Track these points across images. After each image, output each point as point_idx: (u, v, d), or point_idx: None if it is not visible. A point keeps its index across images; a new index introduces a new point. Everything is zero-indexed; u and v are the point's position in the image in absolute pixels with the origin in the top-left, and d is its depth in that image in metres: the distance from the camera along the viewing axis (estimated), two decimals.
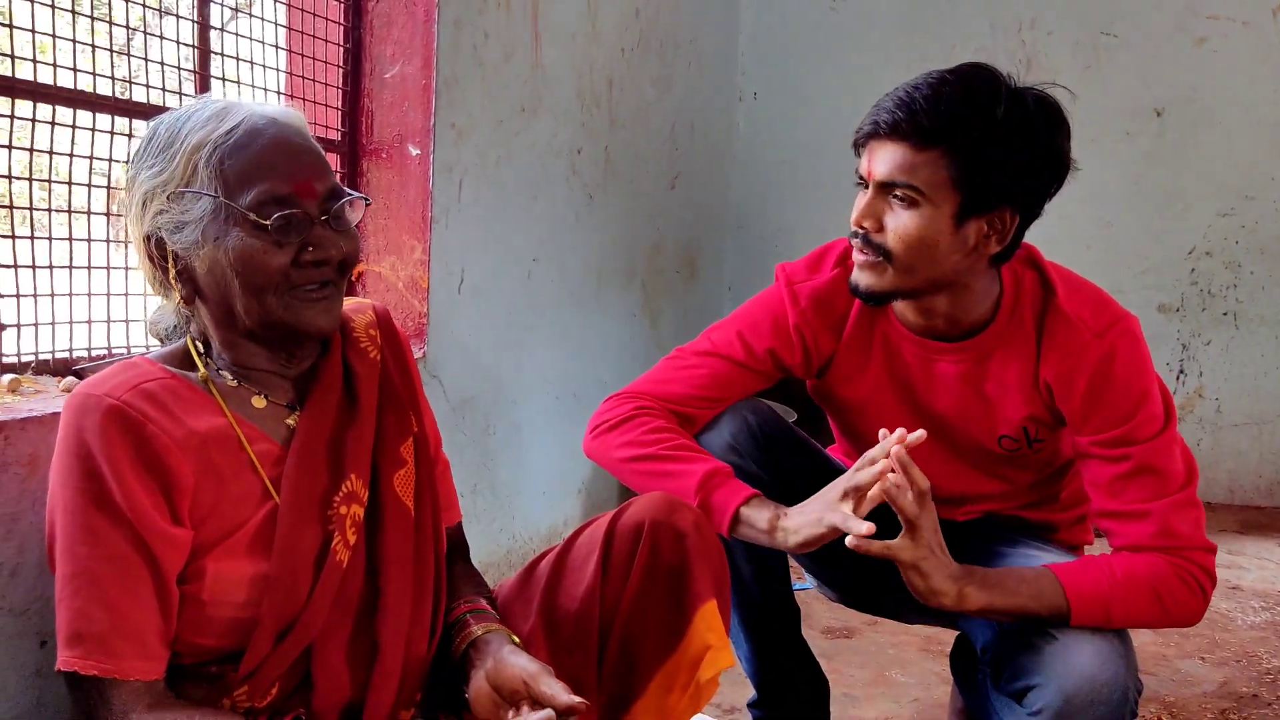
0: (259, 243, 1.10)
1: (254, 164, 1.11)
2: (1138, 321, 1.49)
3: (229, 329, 1.17)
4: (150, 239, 1.14)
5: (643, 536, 1.25)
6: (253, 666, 1.10)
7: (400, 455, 1.25)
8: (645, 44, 3.38)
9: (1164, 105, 3.91)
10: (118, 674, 1.03)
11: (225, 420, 1.14)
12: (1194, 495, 1.44)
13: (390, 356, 1.30)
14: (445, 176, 2.35)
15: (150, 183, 1.12)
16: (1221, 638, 2.63)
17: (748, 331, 1.62)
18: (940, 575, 1.38)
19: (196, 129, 1.12)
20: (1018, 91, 1.39)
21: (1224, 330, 3.93)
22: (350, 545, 1.16)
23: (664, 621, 1.24)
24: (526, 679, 1.13)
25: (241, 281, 1.11)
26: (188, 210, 1.11)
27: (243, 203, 1.09)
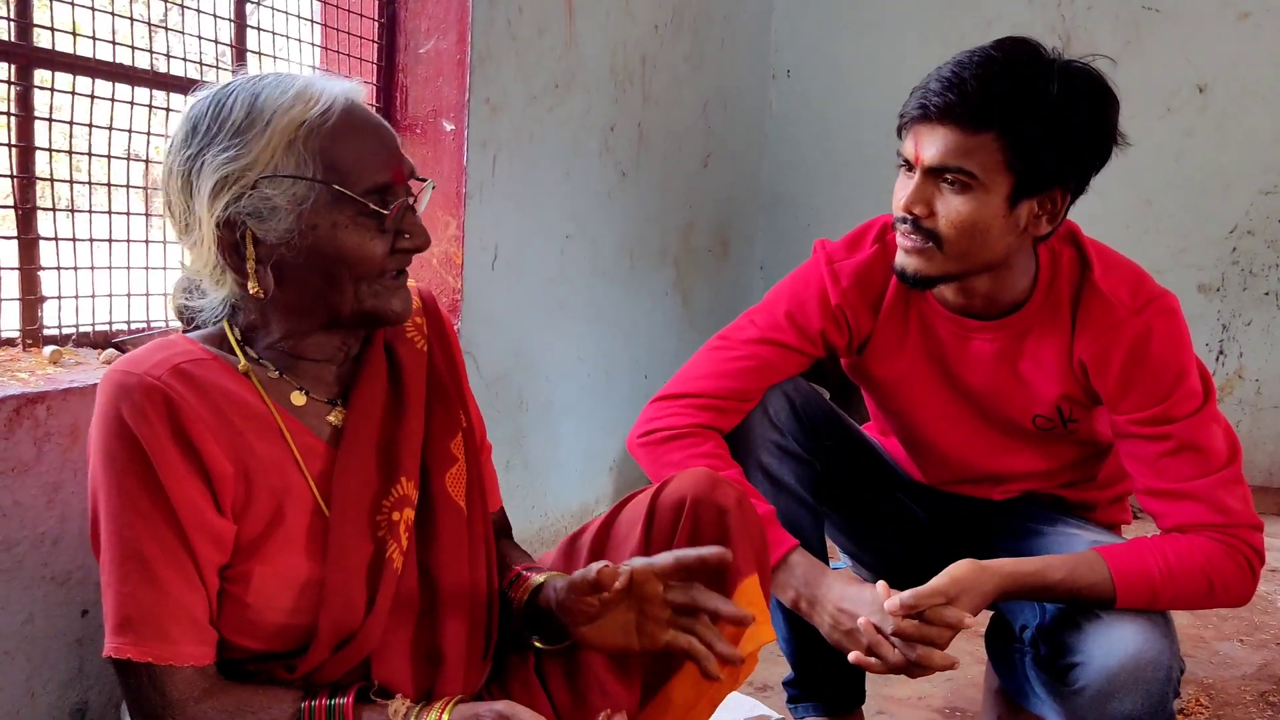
0: (367, 230, 1.06)
1: (359, 149, 1.06)
2: (1176, 299, 1.46)
3: (305, 318, 1.11)
4: (229, 224, 1.05)
5: (684, 512, 1.22)
6: (307, 671, 1.07)
7: (451, 452, 1.20)
8: (678, 20, 3.36)
9: (1206, 81, 3.83)
10: (173, 660, 1.00)
11: (266, 409, 1.09)
12: (1239, 472, 1.42)
13: (437, 345, 1.25)
14: (479, 152, 2.34)
15: (228, 166, 1.03)
16: (1261, 620, 2.59)
17: (797, 313, 1.59)
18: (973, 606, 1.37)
19: (284, 109, 1.04)
20: (1066, 67, 1.36)
21: (1265, 311, 3.86)
22: (405, 551, 1.12)
23: None
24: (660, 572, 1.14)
25: (349, 272, 1.06)
26: (280, 195, 1.04)
27: (355, 191, 1.05)
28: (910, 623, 1.32)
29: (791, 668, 1.74)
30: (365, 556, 1.10)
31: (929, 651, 1.33)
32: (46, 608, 1.36)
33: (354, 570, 1.08)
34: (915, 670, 1.34)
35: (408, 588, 1.13)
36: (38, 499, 1.32)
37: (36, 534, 1.33)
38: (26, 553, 1.32)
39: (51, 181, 1.59)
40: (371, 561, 1.10)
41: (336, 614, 1.06)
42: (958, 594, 1.34)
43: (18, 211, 1.54)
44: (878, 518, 1.78)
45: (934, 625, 1.33)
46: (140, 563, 1.00)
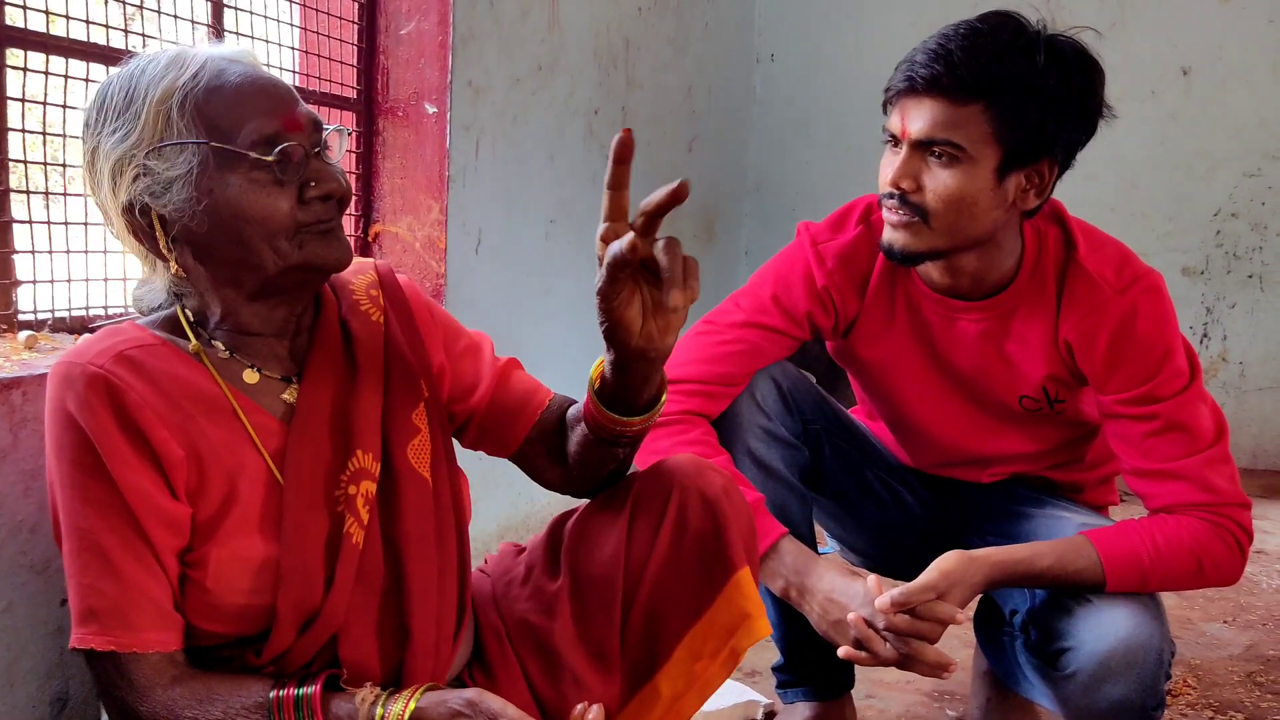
0: (260, 185, 1.02)
1: (234, 102, 1.02)
2: (1161, 277, 1.46)
3: (234, 289, 1.08)
4: (133, 208, 1.03)
5: (670, 500, 1.19)
6: (275, 655, 1.06)
7: (413, 423, 1.17)
8: (662, 3, 3.33)
9: (1190, 64, 3.83)
10: (137, 647, 0.99)
11: (219, 390, 1.07)
12: (1226, 451, 1.42)
13: (395, 317, 1.21)
14: (462, 135, 2.32)
15: (118, 149, 1.02)
16: (1247, 601, 2.61)
17: (783, 296, 1.58)
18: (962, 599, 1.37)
19: (156, 81, 1.02)
20: (1051, 38, 1.35)
21: (1249, 293, 3.87)
22: (365, 525, 1.10)
23: (692, 588, 1.19)
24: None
25: (252, 230, 1.02)
26: (170, 167, 1.01)
27: (235, 144, 1.01)
28: (902, 618, 1.32)
29: (781, 653, 1.73)
30: (322, 532, 1.08)
31: (921, 646, 1.33)
32: (25, 596, 1.33)
33: (311, 547, 1.06)
34: (907, 665, 1.34)
35: (371, 563, 1.10)
36: (14, 486, 1.30)
37: (14, 521, 1.30)
38: (4, 541, 1.30)
39: (25, 164, 1.56)
40: (329, 537, 1.08)
41: (295, 593, 1.05)
42: (948, 587, 1.34)
43: None
44: (866, 502, 1.77)
45: (925, 620, 1.32)
46: (98, 553, 0.99)
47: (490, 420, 1.29)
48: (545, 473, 1.30)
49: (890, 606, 1.32)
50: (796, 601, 1.43)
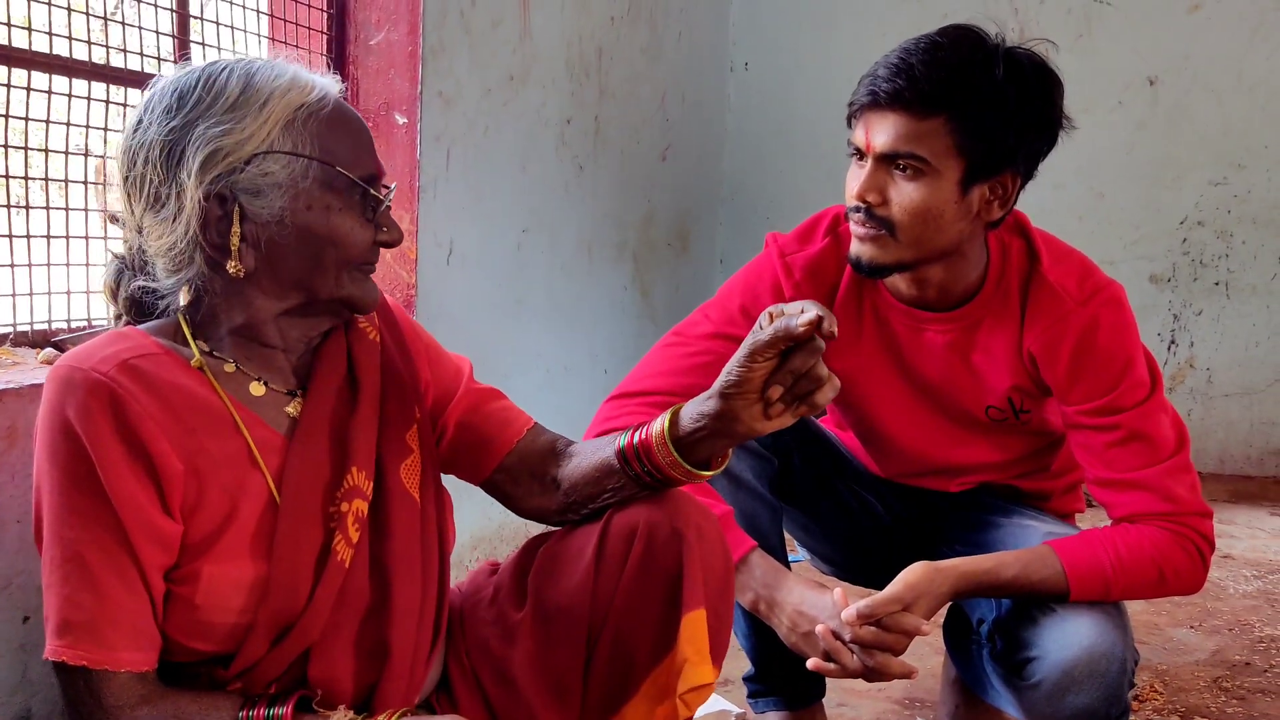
0: (356, 218, 1.08)
1: (354, 140, 1.09)
2: (1123, 289, 1.48)
3: (279, 301, 1.09)
4: (220, 198, 1.03)
5: (637, 535, 1.16)
6: (245, 667, 1.05)
7: (406, 443, 1.18)
8: (635, 12, 3.34)
9: (1157, 74, 3.88)
10: (109, 665, 0.98)
11: (221, 404, 1.07)
12: (1187, 460, 1.44)
13: (390, 337, 1.23)
14: (433, 146, 2.32)
15: (223, 140, 1.02)
16: (1214, 606, 2.63)
17: (751, 307, 1.57)
18: (928, 610, 1.38)
19: (280, 91, 1.05)
20: (1010, 51, 1.37)
21: (1215, 300, 3.92)
22: (353, 544, 1.10)
23: (656, 627, 1.15)
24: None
25: (334, 256, 1.07)
26: (276, 173, 1.04)
27: (357, 178, 1.07)
28: (868, 630, 1.33)
29: (751, 663, 1.73)
30: (314, 548, 1.07)
31: (886, 659, 1.33)
32: None
33: (302, 561, 1.06)
34: (873, 676, 1.34)
35: (357, 581, 1.10)
36: None
37: None
38: None
39: None
40: (320, 553, 1.08)
41: (277, 603, 1.04)
42: (913, 599, 1.35)
43: None
44: (836, 512, 1.78)
45: (891, 632, 1.33)
46: (80, 565, 0.98)
47: (461, 442, 1.28)
48: (524, 500, 1.29)
49: (856, 619, 1.32)
50: (765, 615, 1.43)
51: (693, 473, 1.15)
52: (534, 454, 1.28)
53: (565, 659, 1.18)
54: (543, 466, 1.27)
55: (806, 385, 1.05)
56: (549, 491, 1.26)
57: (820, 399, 1.05)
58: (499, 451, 1.27)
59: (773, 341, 1.03)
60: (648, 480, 1.17)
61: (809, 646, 1.38)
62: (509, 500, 1.30)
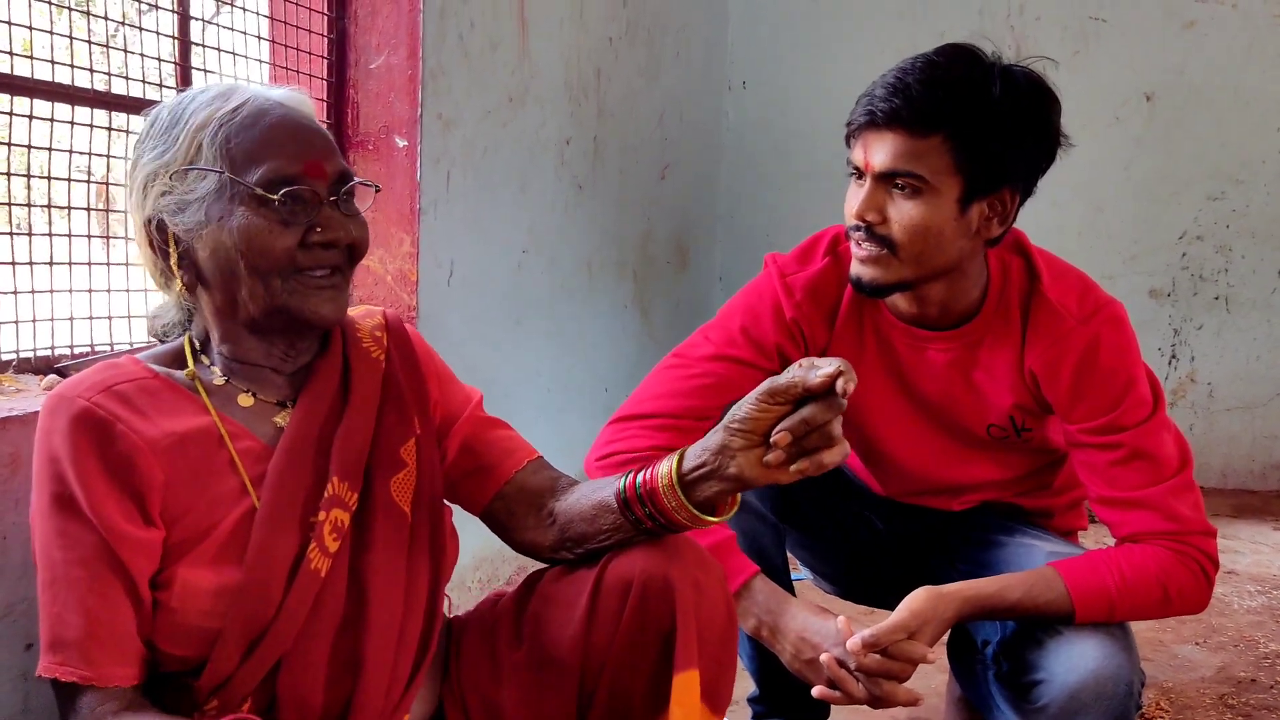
0: (265, 221, 1.05)
1: (261, 142, 1.07)
2: (1123, 307, 1.48)
3: (229, 318, 1.11)
4: (151, 222, 1.09)
5: (632, 590, 1.13)
6: (219, 679, 1.04)
7: (400, 457, 1.18)
8: (633, 33, 3.36)
9: (1153, 90, 3.90)
10: (96, 681, 1.00)
11: (209, 418, 1.09)
12: (1190, 479, 1.44)
13: (398, 358, 1.24)
14: (433, 168, 2.32)
15: (153, 164, 1.08)
16: (1218, 623, 2.63)
17: (752, 328, 1.57)
18: (933, 636, 1.37)
19: (201, 108, 1.08)
20: (1007, 69, 1.38)
21: (1215, 314, 3.93)
22: (330, 553, 1.09)
23: (650, 685, 1.13)
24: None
25: (246, 263, 1.06)
26: (191, 189, 1.06)
27: (249, 180, 1.05)
28: (873, 658, 1.32)
29: (756, 684, 1.73)
30: (289, 556, 1.08)
31: (893, 687, 1.33)
32: None
33: (275, 566, 1.06)
34: (879, 704, 1.34)
35: (333, 592, 1.10)
36: None
37: None
38: None
39: None
40: (294, 560, 1.08)
41: (246, 610, 1.04)
42: (919, 626, 1.34)
43: None
44: (838, 532, 1.78)
45: (897, 660, 1.33)
46: (66, 585, 1.01)
47: (461, 467, 1.28)
48: (519, 533, 1.27)
49: (862, 648, 1.32)
50: (768, 641, 1.43)
51: (698, 517, 1.12)
52: (534, 487, 1.27)
53: (555, 706, 1.17)
54: (541, 500, 1.26)
55: (816, 441, 1.03)
56: (544, 526, 1.25)
57: (827, 459, 1.03)
58: (498, 479, 1.27)
59: (788, 388, 1.02)
60: (649, 525, 1.15)
61: (813, 674, 1.38)
62: (504, 531, 1.29)
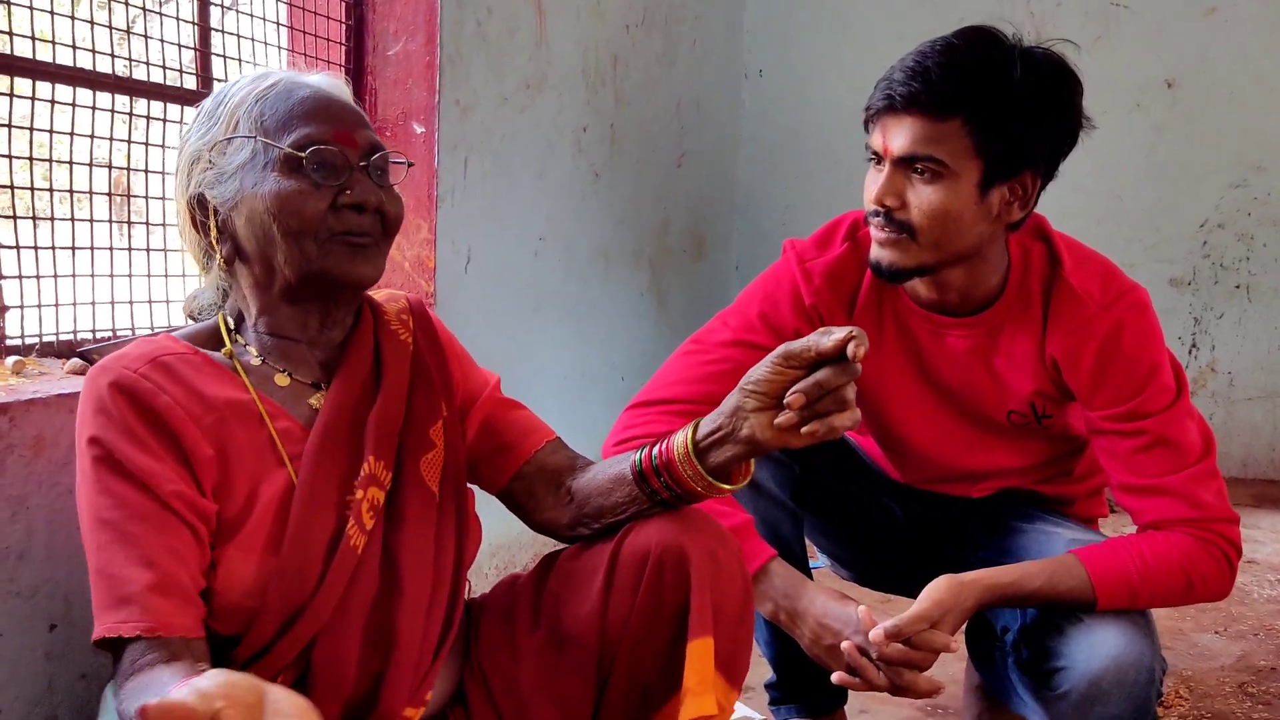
0: (296, 184, 1.08)
1: (293, 111, 1.10)
2: (1147, 293, 1.46)
3: (266, 290, 1.14)
4: (193, 199, 1.13)
5: (649, 563, 1.14)
6: (255, 652, 1.06)
7: (429, 438, 1.20)
8: (650, 20, 3.35)
9: (1175, 76, 3.86)
10: (162, 630, 0.97)
11: (247, 395, 1.11)
12: (1214, 465, 1.43)
13: (424, 341, 1.26)
14: (450, 154, 2.32)
15: (196, 145, 1.13)
16: (1238, 611, 2.61)
17: (771, 314, 1.57)
18: (955, 625, 1.36)
19: (240, 89, 1.13)
20: (1027, 51, 1.37)
21: (1236, 303, 3.89)
22: (366, 531, 1.12)
23: (667, 658, 1.14)
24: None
25: (280, 226, 1.08)
26: (228, 162, 1.10)
27: (282, 143, 1.08)
28: (895, 648, 1.31)
29: (773, 669, 1.73)
30: (326, 534, 1.09)
31: (915, 676, 1.32)
32: (13, 623, 1.33)
33: (313, 545, 1.08)
34: (900, 692, 1.34)
35: (368, 569, 1.12)
36: (1, 512, 1.29)
37: (1, 548, 1.30)
38: None
39: (12, 188, 1.56)
40: (332, 538, 1.10)
41: (285, 586, 1.05)
42: (941, 616, 1.34)
43: None
44: (857, 519, 1.77)
45: (919, 650, 1.32)
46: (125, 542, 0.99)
47: (481, 447, 1.29)
48: (538, 513, 1.28)
49: (884, 638, 1.31)
50: (787, 625, 1.42)
51: (713, 485, 1.14)
52: (552, 466, 1.28)
53: (574, 685, 1.17)
54: (559, 479, 1.27)
55: (829, 404, 1.03)
56: (562, 504, 1.26)
57: (838, 423, 1.03)
58: (517, 459, 1.28)
59: (802, 352, 1.03)
60: (664, 496, 1.16)
61: (832, 659, 1.38)
62: (523, 512, 1.30)
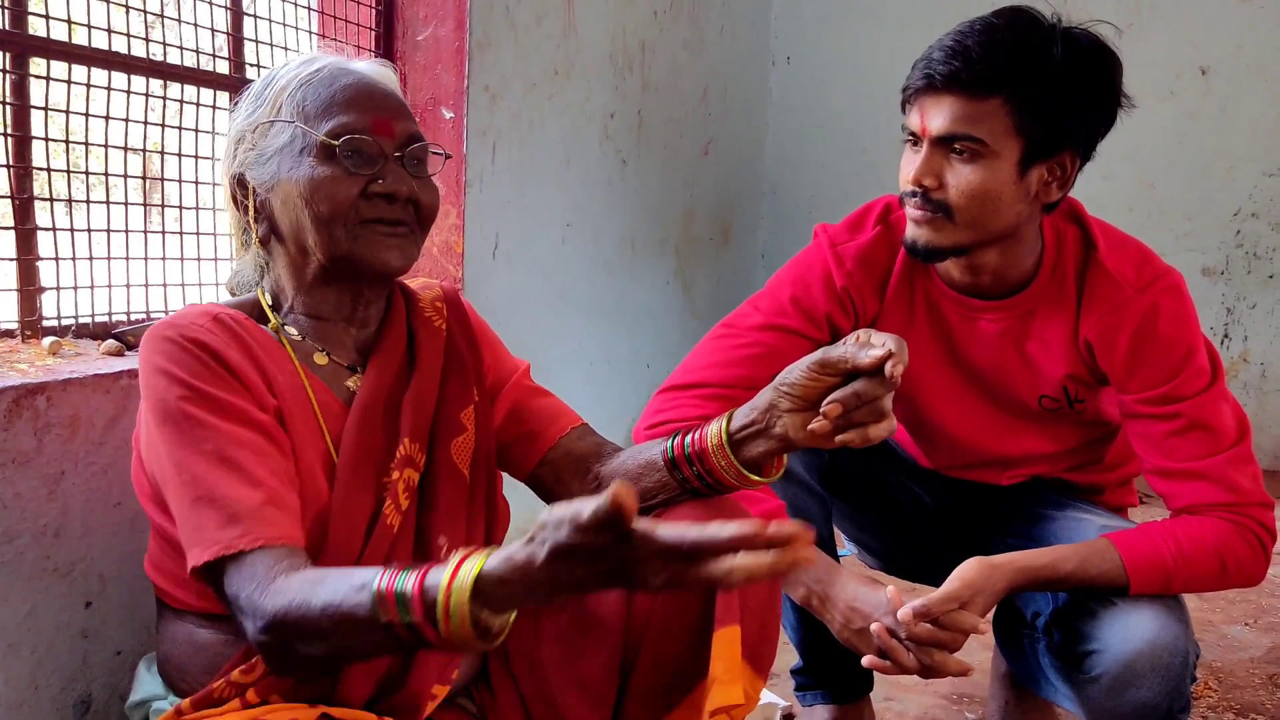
0: (329, 170, 1.10)
1: (333, 98, 1.12)
2: (1181, 277, 1.46)
3: (301, 271, 1.16)
4: (235, 178, 1.16)
5: None
6: None
7: (460, 421, 1.22)
8: (678, 6, 3.34)
9: (1209, 63, 3.80)
10: (282, 540, 0.98)
11: (293, 366, 1.13)
12: (1249, 450, 1.42)
13: (457, 329, 1.28)
14: (479, 140, 2.33)
15: (240, 125, 1.16)
16: (1268, 603, 2.59)
17: (803, 298, 1.56)
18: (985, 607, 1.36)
19: (287, 73, 1.16)
20: (1068, 31, 1.36)
21: (1270, 293, 3.84)
22: (402, 511, 1.13)
23: (693, 646, 1.13)
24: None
25: (311, 211, 1.10)
26: (269, 144, 1.13)
27: (319, 131, 1.10)
28: (925, 628, 1.31)
29: (800, 656, 1.73)
30: (366, 511, 1.11)
31: (944, 656, 1.32)
32: (49, 600, 1.35)
33: (355, 522, 1.10)
34: (929, 673, 1.33)
35: (403, 548, 1.13)
36: (38, 490, 1.31)
37: (38, 526, 1.32)
38: (28, 545, 1.31)
39: (49, 171, 1.58)
40: (371, 517, 1.11)
41: (329, 561, 1.06)
42: (971, 597, 1.33)
43: (15, 202, 1.52)
44: (885, 505, 1.77)
45: (948, 630, 1.32)
46: (226, 468, 1.00)
47: (508, 431, 1.30)
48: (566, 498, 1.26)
49: (913, 617, 1.31)
50: (818, 610, 1.42)
51: (746, 476, 1.14)
52: (579, 452, 1.28)
53: (597, 668, 1.17)
54: (586, 465, 1.27)
55: (865, 415, 1.03)
56: (588, 490, 1.25)
57: (873, 433, 1.03)
58: (544, 444, 1.29)
59: (839, 362, 1.03)
60: (696, 485, 1.16)
61: (862, 643, 1.38)
62: (550, 497, 1.30)
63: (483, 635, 0.87)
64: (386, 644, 0.93)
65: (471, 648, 0.88)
